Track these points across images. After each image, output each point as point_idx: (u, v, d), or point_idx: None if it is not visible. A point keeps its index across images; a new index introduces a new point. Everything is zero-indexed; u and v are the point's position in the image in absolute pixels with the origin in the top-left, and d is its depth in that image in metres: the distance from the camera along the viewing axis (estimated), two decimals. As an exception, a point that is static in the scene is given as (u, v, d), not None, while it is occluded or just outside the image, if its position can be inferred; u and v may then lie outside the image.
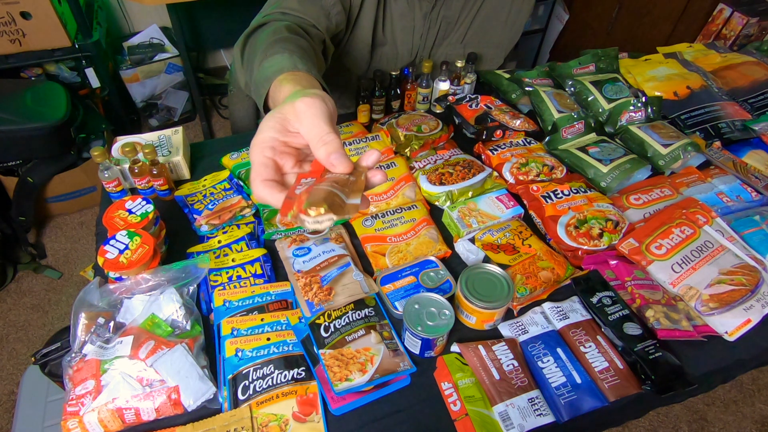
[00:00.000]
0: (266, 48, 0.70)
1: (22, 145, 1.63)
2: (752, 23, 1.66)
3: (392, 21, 1.02)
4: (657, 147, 0.95)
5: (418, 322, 0.66)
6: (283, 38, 0.74)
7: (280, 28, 0.78)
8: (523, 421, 0.61)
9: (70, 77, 1.92)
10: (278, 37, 0.74)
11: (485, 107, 1.04)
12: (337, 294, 0.72)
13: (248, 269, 0.76)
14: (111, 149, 0.91)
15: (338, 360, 0.66)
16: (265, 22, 0.83)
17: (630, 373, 0.66)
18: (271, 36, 0.75)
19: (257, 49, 0.73)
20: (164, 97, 2.25)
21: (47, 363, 0.99)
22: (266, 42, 0.73)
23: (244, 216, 0.86)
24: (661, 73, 1.15)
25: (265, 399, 0.62)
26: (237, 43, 0.82)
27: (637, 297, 0.73)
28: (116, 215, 0.76)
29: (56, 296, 1.72)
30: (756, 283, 0.74)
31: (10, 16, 1.62)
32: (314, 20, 0.87)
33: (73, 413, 0.58)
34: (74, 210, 1.96)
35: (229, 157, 0.96)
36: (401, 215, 0.84)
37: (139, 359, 0.61)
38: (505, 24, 1.10)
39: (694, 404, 1.54)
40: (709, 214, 0.82)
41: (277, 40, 0.72)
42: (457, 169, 0.91)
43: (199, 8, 2.10)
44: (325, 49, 0.91)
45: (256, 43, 0.77)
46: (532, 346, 0.69)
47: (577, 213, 0.82)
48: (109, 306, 0.69)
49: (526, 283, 0.74)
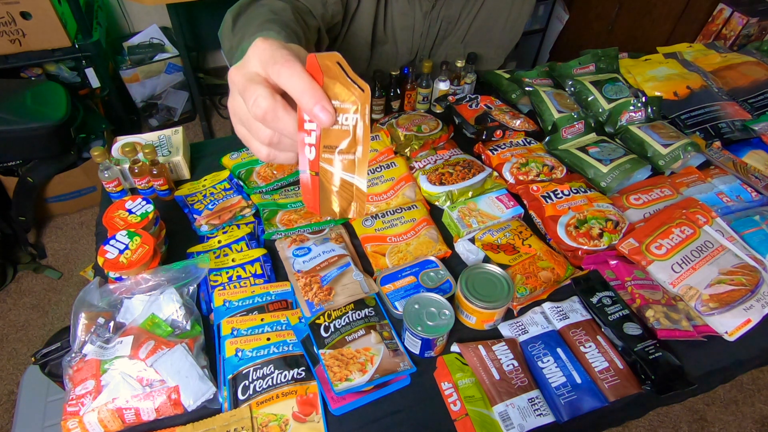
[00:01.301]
0: (264, 22, 0.69)
1: (22, 145, 1.63)
2: (752, 23, 1.66)
3: (392, 19, 1.02)
4: (657, 147, 0.95)
5: (418, 322, 0.66)
6: (283, 20, 0.73)
7: (284, 9, 0.78)
8: (523, 421, 0.61)
9: (70, 77, 1.92)
10: (278, 17, 0.73)
11: (485, 107, 1.04)
12: (337, 294, 0.72)
13: (248, 269, 0.76)
14: (111, 149, 0.91)
15: (338, 360, 0.66)
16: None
17: (630, 373, 0.66)
18: (270, 13, 0.74)
19: (254, 20, 0.72)
20: (164, 97, 2.25)
21: (47, 363, 0.99)
22: (265, 17, 0.72)
23: (244, 216, 0.86)
24: (661, 73, 1.15)
25: (265, 399, 0.62)
26: (230, 10, 0.81)
27: (637, 297, 0.73)
28: (116, 215, 0.76)
29: (56, 296, 1.72)
30: (756, 283, 0.74)
31: (10, 16, 1.62)
32: (310, 5, 0.87)
33: (73, 413, 0.58)
34: (74, 210, 1.96)
35: (229, 157, 0.96)
36: (401, 215, 0.84)
37: (139, 359, 0.61)
38: (505, 24, 1.10)
39: (694, 404, 1.54)
40: (709, 214, 0.82)
41: (276, 20, 0.71)
42: (457, 169, 0.91)
43: (199, 8, 2.10)
44: (319, 40, 0.91)
45: (254, 15, 0.76)
46: (532, 346, 0.69)
47: (577, 213, 0.82)
48: (109, 306, 0.69)
49: (526, 283, 0.74)
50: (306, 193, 0.41)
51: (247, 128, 0.42)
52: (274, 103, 0.37)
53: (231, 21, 0.79)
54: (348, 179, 0.40)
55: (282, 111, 0.38)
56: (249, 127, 0.41)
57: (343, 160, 0.39)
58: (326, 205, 0.41)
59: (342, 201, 0.41)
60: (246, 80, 0.39)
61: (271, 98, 0.37)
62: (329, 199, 0.41)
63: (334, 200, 0.41)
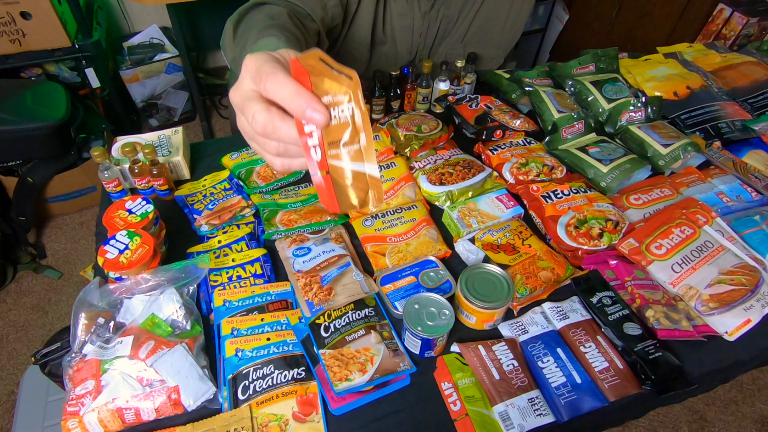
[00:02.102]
0: (263, 28, 0.70)
1: (22, 145, 1.63)
2: (752, 23, 1.66)
3: (391, 19, 1.02)
4: (657, 147, 0.95)
5: (418, 322, 0.66)
6: (282, 24, 0.74)
7: (281, 13, 0.78)
8: (523, 421, 0.61)
9: (70, 77, 1.92)
10: (277, 22, 0.74)
11: (485, 107, 1.04)
12: (337, 294, 0.72)
13: (248, 269, 0.76)
14: (111, 149, 0.91)
15: (338, 360, 0.66)
16: (261, 2, 0.82)
17: (630, 373, 0.66)
18: (269, 19, 0.75)
19: (253, 27, 0.73)
20: (164, 97, 2.25)
21: (47, 363, 0.99)
22: (264, 23, 0.72)
23: (244, 216, 0.86)
24: (661, 73, 1.15)
25: (265, 399, 0.62)
26: (230, 19, 0.81)
27: (637, 297, 0.73)
28: (116, 215, 0.76)
29: (56, 296, 1.72)
30: (756, 283, 0.74)
31: (10, 16, 1.62)
32: (309, 9, 0.87)
33: (73, 413, 0.58)
34: (74, 210, 1.96)
35: (229, 157, 0.96)
36: (401, 215, 0.84)
37: (139, 359, 0.61)
38: (505, 24, 1.10)
39: (694, 404, 1.54)
40: (709, 214, 0.82)
41: (275, 25, 0.72)
42: (457, 169, 0.91)
43: (199, 8, 2.10)
44: (319, 42, 0.91)
45: (253, 21, 0.77)
46: (532, 346, 0.69)
47: (577, 213, 0.82)
48: (109, 306, 0.69)
49: (526, 283, 0.74)
50: (322, 195, 0.41)
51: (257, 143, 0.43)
52: (270, 116, 0.39)
53: (231, 30, 0.80)
54: (358, 169, 0.40)
55: (279, 121, 0.39)
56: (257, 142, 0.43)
57: (349, 152, 0.40)
58: (344, 200, 0.42)
59: (359, 192, 0.41)
60: (242, 99, 0.40)
61: (266, 112, 0.39)
62: (346, 194, 0.41)
63: (351, 194, 0.41)
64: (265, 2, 0.82)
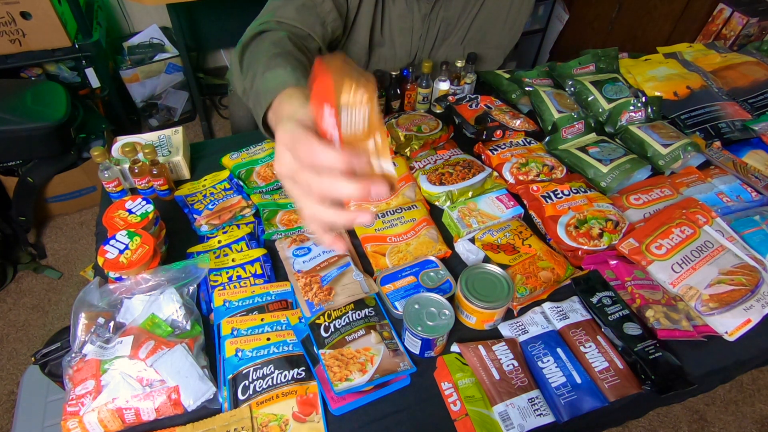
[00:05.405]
0: (269, 59, 0.70)
1: (22, 145, 1.63)
2: (752, 23, 1.66)
3: (390, 22, 1.02)
4: (657, 147, 0.95)
5: (418, 322, 0.66)
6: (285, 52, 0.74)
7: (281, 39, 0.79)
8: (523, 421, 0.61)
9: (70, 77, 1.92)
10: (280, 50, 0.74)
11: (485, 107, 1.04)
12: (337, 294, 0.72)
13: (248, 269, 0.76)
14: (111, 149, 0.91)
15: (338, 360, 0.66)
16: (262, 31, 0.82)
17: (630, 373, 0.66)
18: (272, 48, 0.75)
19: (259, 59, 0.73)
20: (164, 97, 2.25)
21: (47, 363, 0.99)
22: (268, 53, 0.73)
23: (244, 216, 0.86)
24: (661, 73, 1.15)
25: (265, 399, 0.62)
26: (235, 51, 0.82)
27: (637, 297, 0.73)
28: (116, 215, 0.76)
29: (56, 296, 1.72)
30: (756, 283, 0.74)
31: (10, 16, 1.62)
32: (310, 29, 0.87)
33: (73, 413, 0.58)
34: (74, 210, 1.96)
35: (229, 157, 0.96)
36: (401, 215, 0.84)
37: (139, 359, 0.61)
38: (504, 24, 1.10)
39: (694, 404, 1.54)
40: (709, 214, 0.82)
41: (279, 54, 0.72)
42: (457, 169, 0.91)
43: (199, 8, 2.10)
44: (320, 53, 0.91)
45: (257, 52, 0.77)
46: (532, 346, 0.69)
47: (577, 213, 0.82)
48: (109, 306, 0.69)
49: (526, 283, 0.74)
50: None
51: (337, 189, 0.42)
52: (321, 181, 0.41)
53: (237, 62, 0.80)
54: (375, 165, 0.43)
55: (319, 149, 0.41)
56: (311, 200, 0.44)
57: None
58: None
59: None
60: (290, 171, 0.44)
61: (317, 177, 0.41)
62: None
63: None
64: (265, 30, 0.83)
